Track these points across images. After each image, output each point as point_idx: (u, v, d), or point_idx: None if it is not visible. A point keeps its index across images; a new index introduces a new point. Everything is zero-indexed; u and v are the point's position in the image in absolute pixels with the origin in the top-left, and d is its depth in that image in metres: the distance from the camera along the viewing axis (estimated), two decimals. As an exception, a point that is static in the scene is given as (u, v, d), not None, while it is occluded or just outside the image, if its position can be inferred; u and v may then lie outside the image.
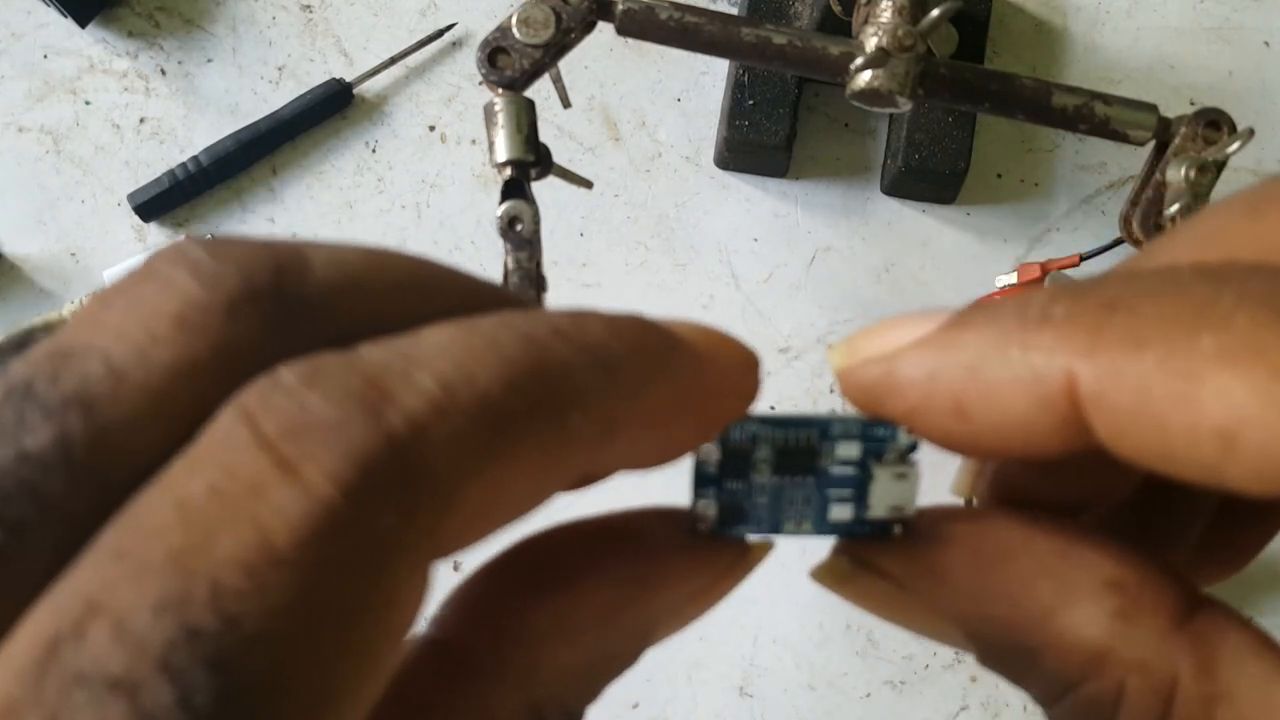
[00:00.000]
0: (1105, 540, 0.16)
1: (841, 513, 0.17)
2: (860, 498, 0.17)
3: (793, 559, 0.16)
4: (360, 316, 0.13)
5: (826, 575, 0.18)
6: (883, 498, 0.17)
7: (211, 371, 0.12)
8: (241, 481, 0.11)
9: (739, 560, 0.17)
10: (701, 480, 0.17)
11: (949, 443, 0.16)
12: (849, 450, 0.17)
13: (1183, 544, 0.19)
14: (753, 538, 0.18)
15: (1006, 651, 0.16)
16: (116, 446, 0.11)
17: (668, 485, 0.19)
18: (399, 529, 0.11)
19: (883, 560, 0.17)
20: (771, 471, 0.17)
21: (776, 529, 0.17)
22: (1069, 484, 0.18)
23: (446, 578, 0.15)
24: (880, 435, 0.17)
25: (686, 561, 0.17)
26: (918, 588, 0.17)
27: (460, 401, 0.12)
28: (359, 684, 0.11)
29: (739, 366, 0.16)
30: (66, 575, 0.11)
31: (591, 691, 0.16)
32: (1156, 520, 0.19)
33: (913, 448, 0.17)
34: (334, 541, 0.11)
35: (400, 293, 0.14)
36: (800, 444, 0.17)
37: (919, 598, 0.17)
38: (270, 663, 0.10)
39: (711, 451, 0.17)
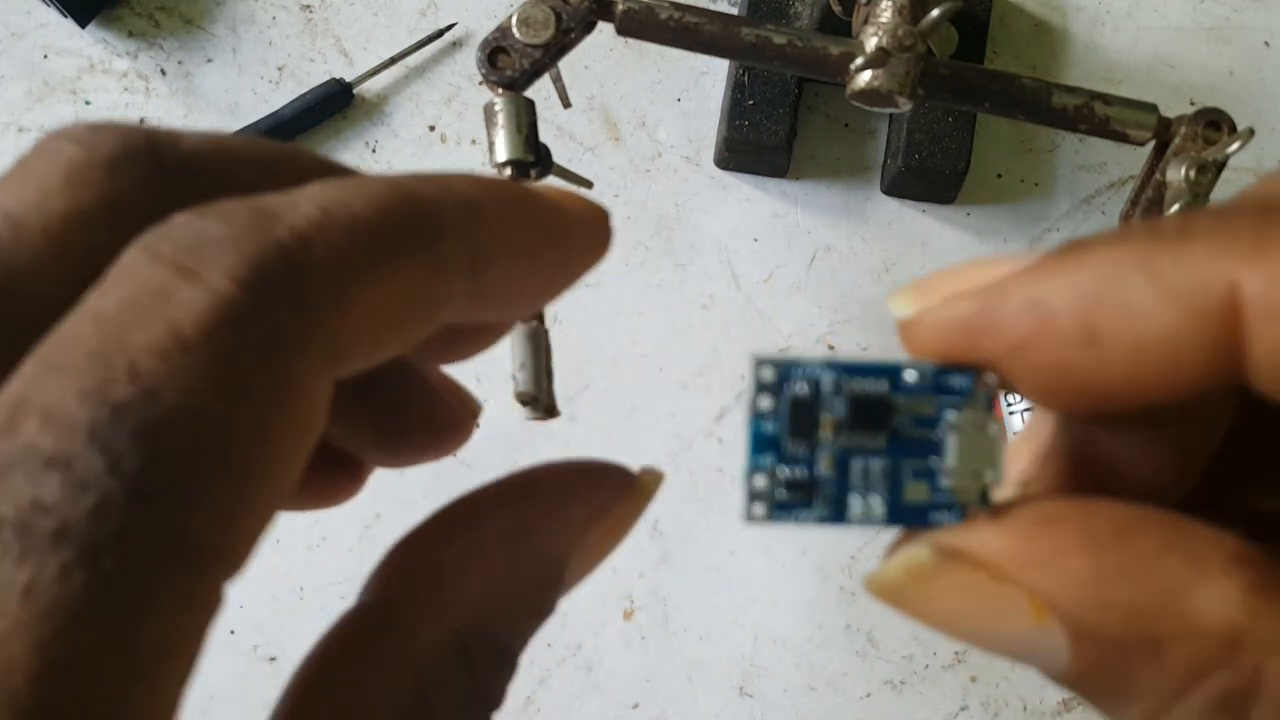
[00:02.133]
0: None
1: (917, 492, 0.15)
2: (938, 468, 0.15)
3: (792, 559, 0.15)
4: (236, 182, 0.14)
5: (897, 575, 0.15)
6: (965, 459, 0.15)
7: (103, 219, 0.13)
8: (148, 291, 0.12)
9: (625, 483, 0.18)
10: (759, 443, 0.15)
11: (1059, 383, 0.14)
12: (923, 406, 0.15)
13: None
14: (639, 467, 0.17)
15: (1122, 649, 0.14)
16: (24, 288, 0.13)
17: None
18: (293, 322, 0.12)
19: (977, 544, 0.15)
20: (837, 428, 0.15)
21: (841, 514, 0.15)
22: (1144, 465, 0.16)
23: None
24: (957, 387, 0.15)
25: (576, 483, 0.17)
26: (1025, 577, 0.14)
27: (338, 219, 0.13)
28: (265, 464, 0.12)
29: (590, 214, 0.17)
30: None
31: (517, 628, 0.16)
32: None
33: (990, 401, 0.15)
34: (236, 329, 0.12)
35: (271, 162, 0.15)
36: (870, 395, 0.15)
37: (1022, 591, 0.14)
38: (188, 431, 0.11)
39: (767, 403, 0.15)
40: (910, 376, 0.15)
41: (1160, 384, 0.14)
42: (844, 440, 0.15)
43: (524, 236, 0.16)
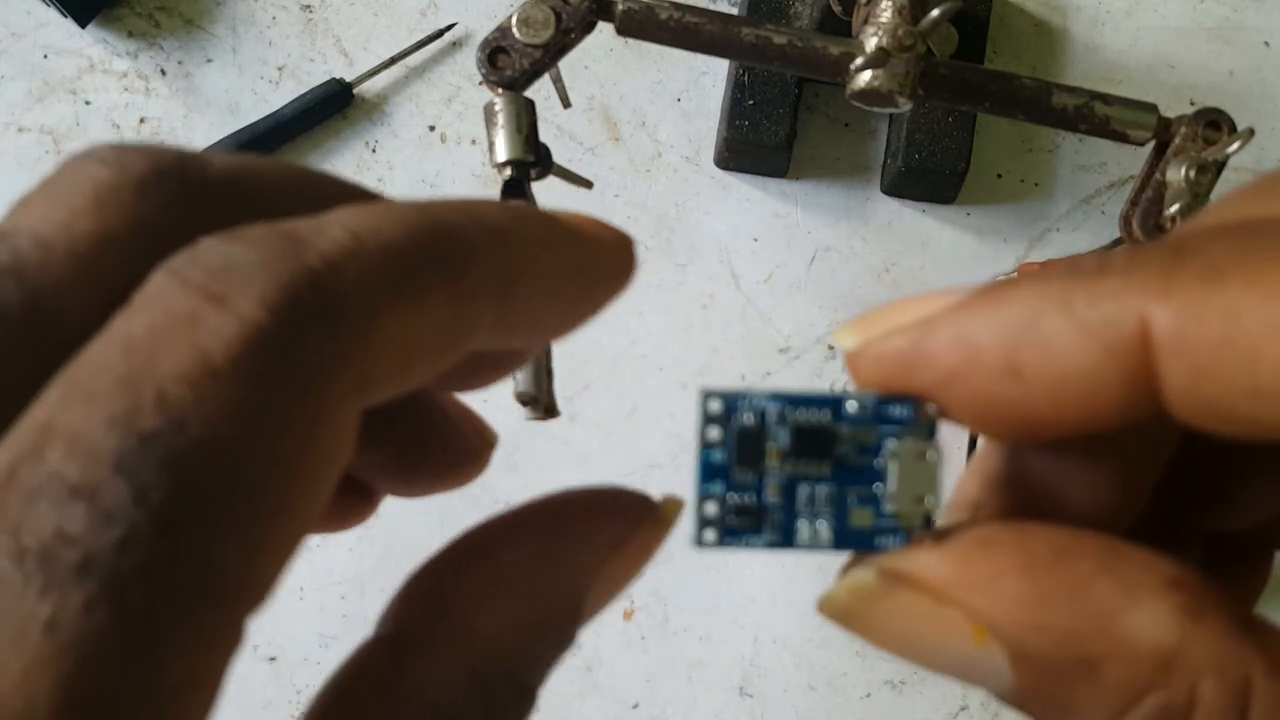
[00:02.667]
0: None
1: (862, 517, 0.16)
2: (881, 494, 0.16)
3: (792, 559, 0.15)
4: (264, 206, 0.14)
5: (844, 598, 0.16)
6: (905, 485, 0.16)
7: (130, 243, 0.13)
8: (177, 317, 0.12)
9: (645, 512, 0.17)
10: (708, 471, 0.16)
11: (988, 412, 0.15)
12: (866, 434, 0.16)
13: None
14: (661, 495, 0.17)
15: (1059, 671, 0.14)
16: (51, 309, 0.13)
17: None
18: (322, 350, 0.12)
19: (918, 568, 0.15)
20: (784, 457, 0.16)
21: (790, 539, 0.16)
22: (1082, 496, 0.17)
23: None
24: (897, 416, 0.16)
25: (596, 513, 0.17)
26: (964, 599, 0.15)
27: (368, 245, 0.13)
28: (293, 496, 0.12)
29: (614, 241, 0.17)
30: (20, 418, 0.11)
31: (535, 663, 0.16)
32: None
33: (932, 429, 0.16)
34: (266, 356, 0.12)
35: (299, 188, 0.15)
36: (813, 425, 0.16)
37: (962, 613, 0.15)
38: (216, 462, 0.11)
39: (716, 434, 0.16)
40: (852, 407, 0.16)
41: (1082, 414, 0.14)
42: (790, 468, 0.16)
43: (551, 264, 0.15)
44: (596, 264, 0.17)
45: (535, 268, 0.15)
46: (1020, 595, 0.14)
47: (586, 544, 0.16)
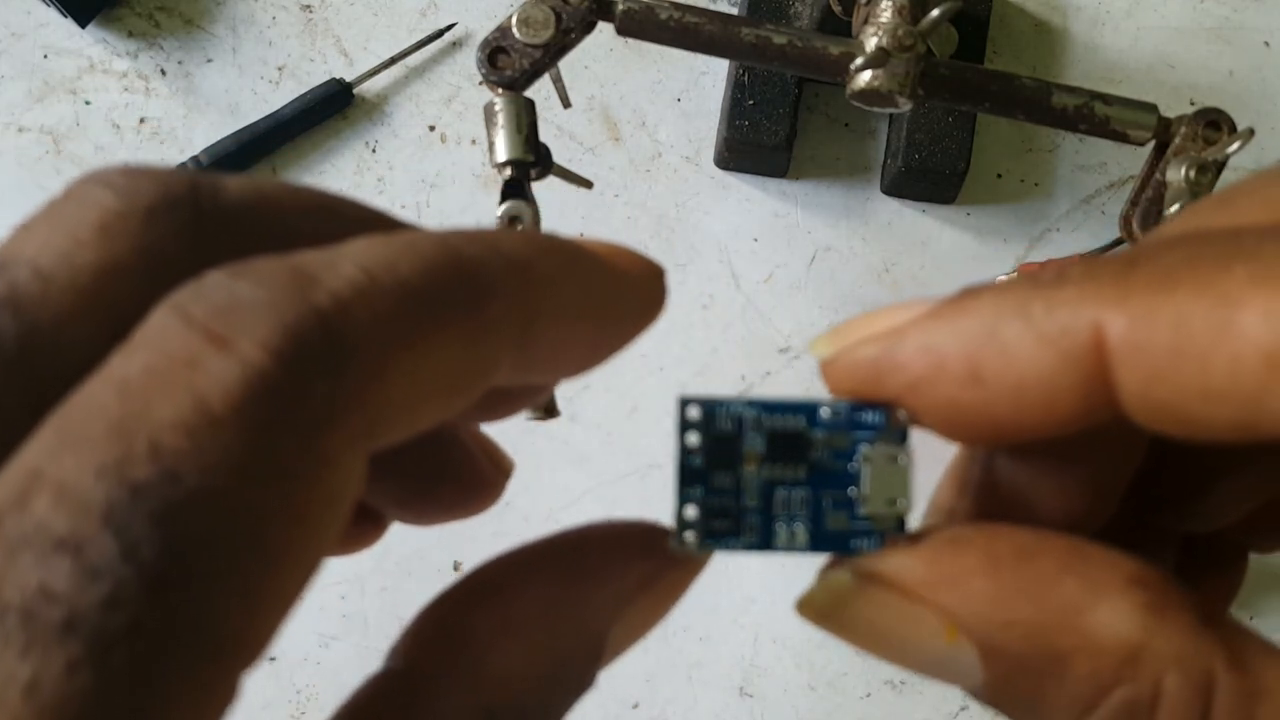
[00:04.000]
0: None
1: (838, 520, 0.16)
2: (855, 497, 0.16)
3: (792, 559, 0.15)
4: (278, 235, 0.14)
5: (821, 598, 0.17)
6: (878, 488, 0.16)
7: (136, 274, 0.13)
8: (176, 358, 0.11)
9: (677, 557, 0.17)
10: (687, 476, 0.16)
11: (954, 417, 0.15)
12: (839, 440, 0.16)
13: None
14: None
15: (1028, 666, 0.15)
16: (49, 344, 0.12)
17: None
18: (329, 396, 0.11)
19: (890, 568, 0.16)
20: (760, 461, 0.16)
21: (768, 541, 0.16)
22: (1054, 500, 0.17)
23: (447, 582, 0.16)
24: (870, 421, 0.16)
25: (622, 552, 0.16)
26: (934, 597, 0.15)
27: (382, 284, 0.12)
28: (296, 547, 0.11)
29: (645, 274, 0.17)
30: (9, 460, 0.11)
31: (551, 706, 0.15)
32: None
33: (904, 434, 0.16)
34: (268, 404, 0.11)
35: (315, 214, 0.14)
36: (789, 430, 0.16)
37: (932, 611, 0.15)
38: (212, 517, 0.10)
39: (695, 440, 0.16)
40: (825, 413, 0.16)
41: (1042, 418, 0.14)
42: (766, 473, 0.16)
43: (576, 299, 0.15)
44: (625, 298, 0.16)
45: (559, 304, 0.14)
46: (987, 593, 0.15)
47: (610, 584, 0.16)
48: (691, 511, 0.16)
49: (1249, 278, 0.13)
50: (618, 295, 0.16)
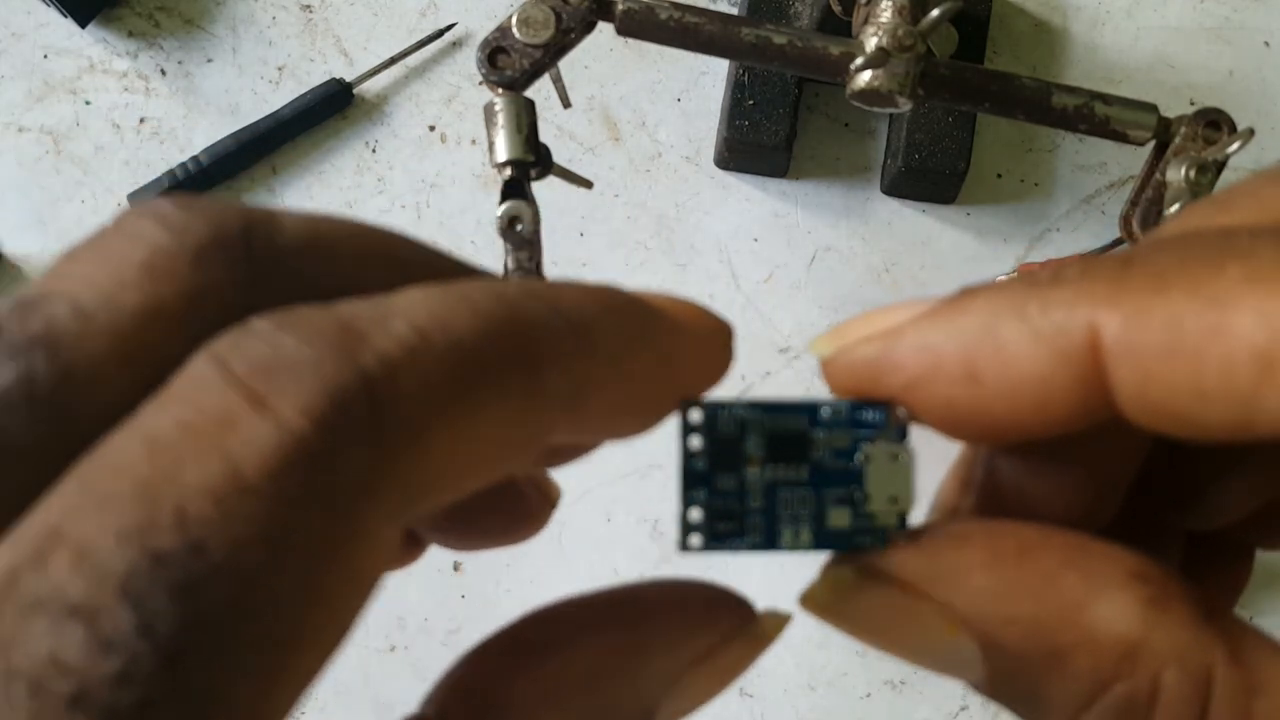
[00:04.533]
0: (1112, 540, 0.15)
1: (840, 518, 0.16)
2: (857, 495, 0.17)
3: (792, 559, 0.15)
4: (331, 277, 0.13)
5: (824, 593, 0.17)
6: (880, 486, 0.16)
7: (180, 318, 0.12)
8: (211, 416, 0.11)
9: (742, 626, 0.16)
10: (691, 479, 0.16)
11: (952, 416, 0.15)
12: (840, 438, 0.16)
13: None
14: (763, 608, 0.17)
15: (1028, 661, 0.15)
16: (83, 387, 0.11)
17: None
18: (369, 466, 0.11)
19: (892, 564, 0.16)
20: (763, 462, 0.16)
21: (773, 541, 0.16)
22: (1056, 499, 0.17)
23: (447, 583, 0.15)
24: (870, 420, 0.17)
25: (680, 622, 0.16)
26: (935, 592, 0.15)
27: (433, 346, 0.12)
28: (322, 625, 0.11)
29: (713, 335, 0.16)
30: (31, 511, 0.11)
31: None
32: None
33: (904, 432, 0.16)
34: (304, 473, 0.10)
35: (371, 257, 0.14)
36: (790, 431, 0.16)
37: (934, 606, 0.15)
38: (235, 593, 0.10)
39: (698, 443, 0.16)
40: (826, 412, 0.17)
41: (1038, 416, 0.15)
42: (769, 474, 0.16)
43: (636, 361, 0.14)
44: (688, 358, 0.16)
45: (618, 367, 0.14)
46: (988, 588, 0.15)
47: (667, 653, 0.15)
48: (696, 514, 0.16)
49: (1242, 278, 0.13)
50: (680, 356, 0.15)
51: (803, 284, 0.54)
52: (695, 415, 0.16)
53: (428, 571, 0.49)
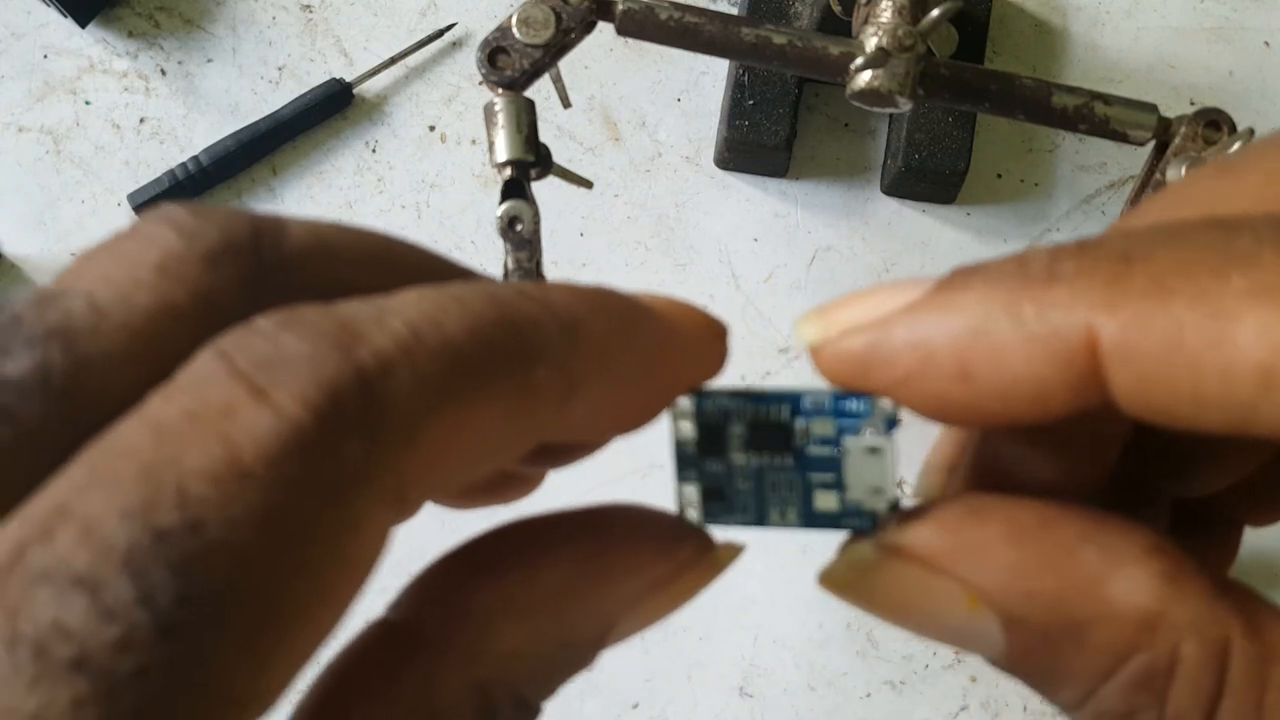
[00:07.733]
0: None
1: (826, 501, 0.17)
2: (841, 481, 0.17)
3: (792, 558, 0.15)
4: (334, 280, 0.14)
5: (844, 571, 0.17)
6: (859, 477, 0.17)
7: (190, 317, 0.13)
8: (214, 406, 0.11)
9: (701, 556, 0.17)
10: (682, 462, 0.17)
11: (943, 410, 0.15)
12: (823, 428, 0.17)
13: None
14: (721, 539, 0.17)
15: (1049, 635, 0.15)
16: (95, 379, 0.12)
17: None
18: (363, 456, 0.11)
19: (912, 540, 0.16)
20: (747, 449, 0.17)
21: (763, 519, 0.17)
22: (1048, 468, 0.17)
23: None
24: (853, 410, 0.17)
25: (644, 548, 0.16)
26: (955, 568, 0.15)
27: (427, 344, 0.12)
28: (314, 606, 0.11)
29: (705, 333, 0.17)
30: (40, 490, 0.11)
31: (545, 684, 0.16)
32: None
33: (893, 422, 0.16)
34: (300, 461, 0.11)
35: (373, 262, 0.15)
36: (773, 419, 0.17)
37: (954, 581, 0.15)
38: (231, 571, 0.11)
39: (687, 429, 0.17)
40: (808, 402, 0.17)
41: (1031, 412, 0.15)
42: (755, 459, 0.17)
43: (627, 360, 0.15)
44: (680, 356, 0.16)
45: (608, 365, 0.14)
46: (1009, 563, 0.15)
47: (627, 577, 0.16)
48: (690, 491, 0.17)
49: (1246, 289, 0.13)
50: (672, 355, 0.16)
51: (803, 284, 0.54)
52: (684, 403, 0.17)
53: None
